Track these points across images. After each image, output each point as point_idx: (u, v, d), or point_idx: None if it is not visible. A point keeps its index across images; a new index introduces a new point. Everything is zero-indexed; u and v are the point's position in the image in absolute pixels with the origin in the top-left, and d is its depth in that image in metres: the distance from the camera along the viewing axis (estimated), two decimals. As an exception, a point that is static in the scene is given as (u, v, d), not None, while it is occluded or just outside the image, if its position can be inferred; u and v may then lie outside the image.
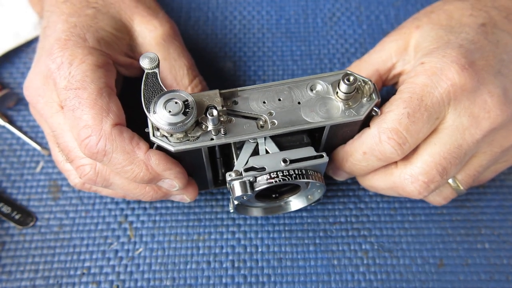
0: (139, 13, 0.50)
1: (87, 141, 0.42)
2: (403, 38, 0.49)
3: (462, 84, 0.43)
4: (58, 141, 0.47)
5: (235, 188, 0.43)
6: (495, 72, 0.44)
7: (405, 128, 0.43)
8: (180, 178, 0.45)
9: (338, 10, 0.68)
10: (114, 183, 0.46)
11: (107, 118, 0.42)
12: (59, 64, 0.44)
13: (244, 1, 0.68)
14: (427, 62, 0.45)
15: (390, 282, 0.50)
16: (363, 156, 0.46)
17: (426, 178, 0.44)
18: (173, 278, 0.50)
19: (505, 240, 0.52)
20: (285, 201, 0.51)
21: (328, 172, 0.52)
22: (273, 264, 0.51)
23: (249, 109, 0.44)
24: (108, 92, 0.44)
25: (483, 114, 0.43)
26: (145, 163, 0.43)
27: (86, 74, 0.44)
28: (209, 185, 0.52)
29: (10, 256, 0.52)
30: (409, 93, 0.44)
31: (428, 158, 0.44)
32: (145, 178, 0.43)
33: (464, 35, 0.46)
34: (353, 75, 0.43)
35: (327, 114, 0.44)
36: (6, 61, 0.63)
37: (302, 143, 0.46)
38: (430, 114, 0.43)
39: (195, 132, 0.42)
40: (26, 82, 0.48)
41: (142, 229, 0.53)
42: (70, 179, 0.50)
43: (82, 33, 0.46)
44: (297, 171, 0.43)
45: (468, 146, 0.44)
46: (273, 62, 0.63)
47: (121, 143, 0.42)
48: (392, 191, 0.48)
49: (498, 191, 0.55)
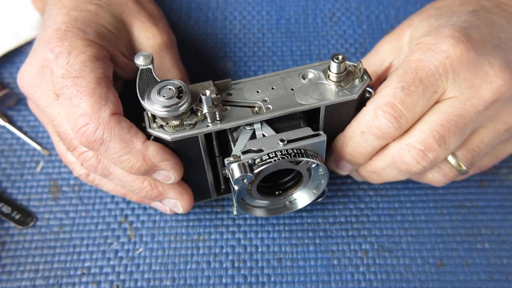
0: (140, 19, 0.51)
1: (85, 129, 0.41)
2: (397, 38, 0.49)
3: (458, 55, 0.42)
4: (58, 130, 0.46)
5: (234, 171, 0.42)
6: (492, 45, 0.44)
7: (400, 101, 0.42)
8: (176, 170, 0.45)
9: (338, 10, 0.68)
10: (114, 172, 0.45)
11: (105, 107, 0.42)
12: (57, 54, 0.44)
13: (244, 1, 0.68)
14: (421, 41, 0.45)
15: (390, 282, 0.50)
16: (362, 136, 0.45)
17: (423, 146, 0.43)
18: (173, 278, 0.50)
19: (505, 240, 0.52)
20: (289, 199, 0.50)
21: (331, 166, 0.52)
22: (273, 264, 0.51)
23: (244, 98, 0.45)
24: (106, 82, 0.44)
25: (485, 85, 0.42)
26: (142, 153, 0.42)
27: (85, 64, 0.43)
28: (211, 192, 0.52)
29: (10, 256, 0.52)
30: (404, 68, 0.43)
31: (426, 126, 0.43)
32: (141, 168, 0.43)
33: (455, 18, 0.46)
34: (342, 54, 0.44)
35: (321, 96, 0.45)
36: (6, 61, 0.63)
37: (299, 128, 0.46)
38: (425, 87, 0.42)
39: (191, 119, 0.42)
40: (21, 73, 0.48)
41: (142, 229, 0.53)
42: (75, 171, 0.50)
43: (82, 27, 0.46)
44: (295, 150, 0.43)
45: (470, 117, 0.43)
46: (273, 62, 0.63)
47: (119, 132, 0.42)
48: (392, 168, 0.47)
49: (498, 191, 0.55)
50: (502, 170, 0.56)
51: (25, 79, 0.47)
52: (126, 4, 0.51)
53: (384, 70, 0.50)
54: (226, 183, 0.52)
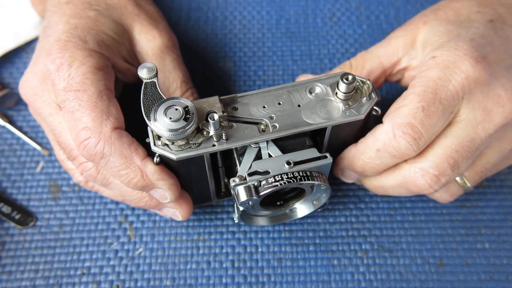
0: (140, 22, 0.51)
1: (86, 143, 0.42)
2: (410, 34, 0.49)
3: (476, 77, 0.42)
4: (58, 140, 0.47)
5: (240, 194, 0.42)
6: (506, 66, 0.44)
7: (420, 122, 0.42)
8: (173, 190, 0.45)
9: (338, 10, 0.68)
10: (113, 182, 0.46)
11: (107, 121, 0.42)
12: (58, 65, 0.44)
13: (244, 1, 0.68)
14: (438, 55, 0.44)
15: (390, 282, 0.50)
16: (377, 153, 0.45)
17: (437, 171, 0.43)
18: (173, 278, 0.50)
19: (505, 240, 0.52)
20: (290, 208, 0.50)
21: (337, 174, 0.52)
22: (273, 264, 0.51)
23: (250, 114, 0.44)
24: (108, 95, 0.44)
25: (496, 108, 0.43)
26: (141, 170, 0.43)
27: (86, 77, 0.44)
28: (212, 197, 0.52)
29: (10, 256, 0.52)
30: (423, 86, 0.43)
31: (440, 151, 0.43)
32: (138, 184, 0.43)
33: (474, 30, 0.45)
34: (352, 74, 0.43)
35: (327, 115, 0.44)
36: (6, 61, 0.63)
37: (304, 146, 0.45)
38: (445, 108, 0.42)
39: (197, 139, 0.42)
40: (22, 81, 0.48)
41: (142, 229, 0.53)
42: (74, 177, 0.50)
43: (82, 35, 0.46)
44: (301, 173, 0.43)
45: (481, 140, 0.43)
46: (273, 62, 0.63)
47: (119, 147, 0.42)
48: (401, 188, 0.47)
49: (498, 191, 0.55)
50: (502, 170, 0.56)
51: (26, 88, 0.48)
52: (126, 7, 0.51)
53: (392, 64, 0.50)
54: (226, 188, 0.52)
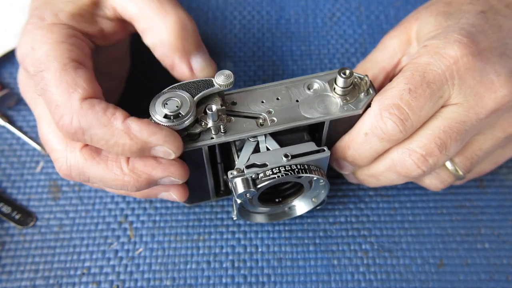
0: None
1: (62, 122, 0.39)
2: (404, 32, 0.49)
3: (465, 62, 0.42)
4: (39, 134, 0.45)
5: (238, 186, 0.42)
6: (499, 53, 0.44)
7: (407, 103, 0.42)
8: (171, 141, 0.41)
9: (338, 10, 0.68)
10: (91, 176, 0.43)
11: (74, 94, 0.39)
12: (23, 52, 0.43)
13: (244, 1, 0.68)
14: (429, 44, 0.44)
15: (390, 282, 0.50)
16: (365, 138, 0.44)
17: (424, 151, 0.43)
18: (173, 278, 0.50)
19: (505, 240, 0.52)
20: (289, 205, 0.50)
21: (332, 165, 0.52)
22: (273, 264, 0.51)
23: (248, 108, 0.44)
24: (74, 66, 0.41)
25: (489, 94, 0.42)
26: (126, 132, 0.39)
27: (48, 54, 0.41)
28: (211, 195, 0.52)
29: (10, 256, 0.52)
30: (411, 70, 0.43)
31: (427, 131, 0.43)
32: (133, 148, 0.40)
33: (464, 20, 0.45)
34: (349, 68, 0.43)
35: (325, 110, 0.44)
36: (6, 61, 0.63)
37: (302, 140, 0.46)
38: (432, 91, 0.42)
39: (195, 129, 0.42)
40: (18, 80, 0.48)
41: (142, 229, 0.53)
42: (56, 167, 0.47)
43: (40, 13, 0.43)
44: (299, 166, 0.43)
45: (471, 124, 0.43)
46: (273, 62, 0.63)
47: (94, 116, 0.39)
48: (391, 172, 0.47)
49: (498, 191, 0.55)
50: (502, 170, 0.56)
51: (19, 84, 0.47)
52: None
53: (393, 67, 0.50)
54: (225, 186, 0.52)
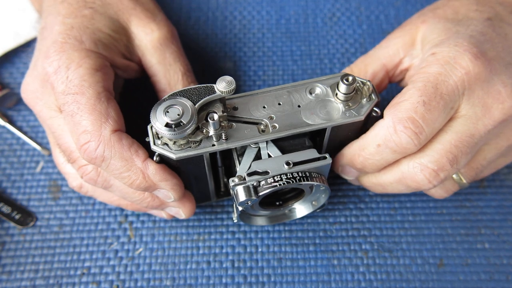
0: (137, 15, 0.50)
1: (86, 146, 0.42)
2: (409, 33, 0.49)
3: (475, 73, 0.42)
4: (58, 142, 0.46)
5: (239, 194, 0.42)
6: (506, 63, 0.44)
7: (421, 116, 0.42)
8: (176, 190, 0.45)
9: (338, 10, 0.68)
10: (114, 185, 0.46)
11: (106, 124, 0.42)
12: (56, 68, 0.44)
13: (244, 1, 0.68)
14: (438, 52, 0.44)
15: (390, 282, 0.50)
16: (377, 149, 0.44)
17: (436, 166, 0.43)
18: (173, 278, 0.50)
19: (505, 240, 0.52)
20: (289, 208, 0.50)
21: (337, 171, 0.51)
22: (273, 264, 0.51)
23: (250, 114, 0.44)
24: (106, 96, 0.44)
25: (496, 104, 0.43)
26: (142, 171, 0.43)
27: (84, 79, 0.43)
28: (211, 196, 0.52)
29: (10, 256, 0.52)
30: (423, 81, 0.43)
31: (439, 146, 0.43)
32: (141, 185, 0.43)
33: (472, 27, 0.45)
34: (352, 75, 0.43)
35: (327, 116, 0.44)
36: (6, 61, 0.63)
37: (304, 146, 0.45)
38: (446, 103, 0.42)
39: (196, 136, 0.42)
40: (23, 85, 0.48)
41: (142, 229, 0.53)
42: (69, 181, 0.50)
43: (78, 35, 0.46)
44: (301, 174, 0.43)
45: (480, 136, 0.43)
46: (273, 62, 0.63)
47: (119, 150, 0.42)
48: (400, 184, 0.46)
49: (498, 191, 0.55)
50: (502, 170, 0.56)
51: (27, 91, 0.48)
52: (121, 2, 0.50)
53: (394, 65, 0.50)
54: (226, 187, 0.52)
